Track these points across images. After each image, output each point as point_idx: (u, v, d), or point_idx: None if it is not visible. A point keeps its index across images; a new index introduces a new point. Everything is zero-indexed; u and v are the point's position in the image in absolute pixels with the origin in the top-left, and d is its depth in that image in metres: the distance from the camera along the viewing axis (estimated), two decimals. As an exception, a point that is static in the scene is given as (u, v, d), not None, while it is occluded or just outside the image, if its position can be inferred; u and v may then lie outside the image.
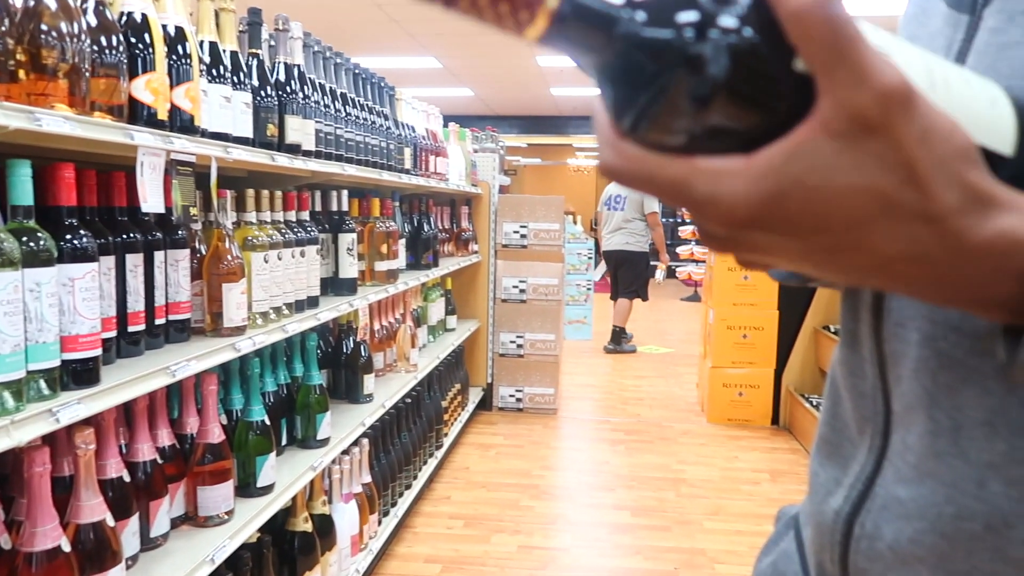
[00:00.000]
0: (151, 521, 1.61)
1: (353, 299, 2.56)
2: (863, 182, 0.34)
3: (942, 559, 0.46)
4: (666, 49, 0.33)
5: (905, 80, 0.33)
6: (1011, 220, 0.35)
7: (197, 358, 1.57)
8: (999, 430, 0.44)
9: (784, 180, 0.34)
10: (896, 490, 0.49)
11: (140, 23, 1.44)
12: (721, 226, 0.36)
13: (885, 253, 0.36)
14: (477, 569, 2.94)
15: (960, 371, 0.46)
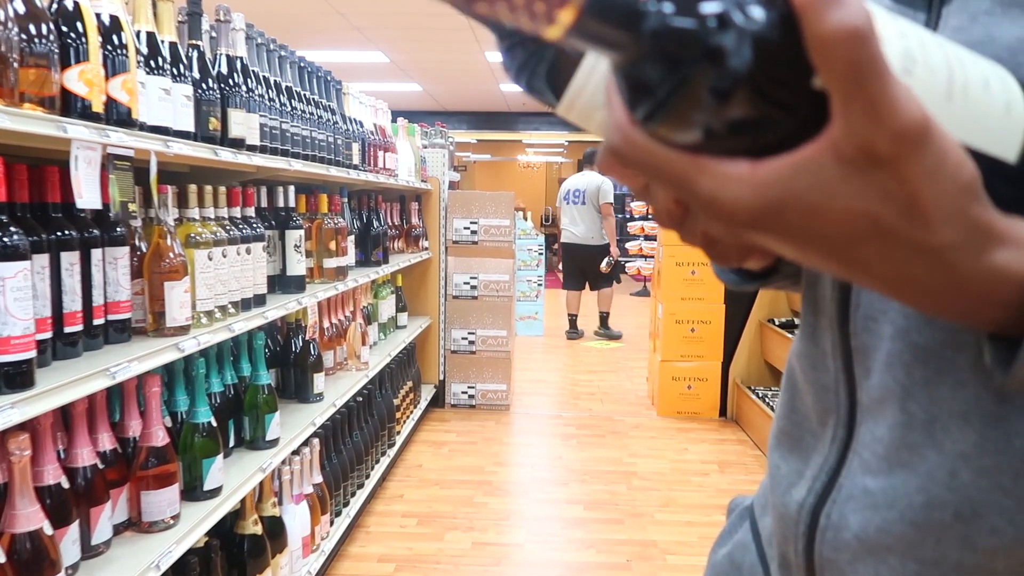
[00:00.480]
0: (92, 528, 1.56)
1: (301, 297, 2.52)
2: (863, 207, 0.34)
3: (911, 547, 0.47)
4: (691, 41, 0.32)
5: (922, 119, 0.33)
6: (1005, 255, 0.36)
7: (139, 359, 1.52)
8: (972, 421, 0.44)
9: (787, 193, 0.34)
10: (864, 481, 0.50)
11: (72, 11, 1.38)
12: (720, 225, 0.37)
13: (877, 270, 0.36)
14: (431, 567, 2.92)
15: (935, 364, 0.46)
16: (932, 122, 0.33)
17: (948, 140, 0.34)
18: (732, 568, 0.69)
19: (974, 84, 0.37)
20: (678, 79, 0.33)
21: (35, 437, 1.38)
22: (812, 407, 0.56)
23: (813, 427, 0.56)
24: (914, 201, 0.34)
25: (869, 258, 0.36)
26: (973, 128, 0.37)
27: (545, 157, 18.27)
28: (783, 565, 0.59)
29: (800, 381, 0.59)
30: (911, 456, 0.47)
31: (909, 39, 0.36)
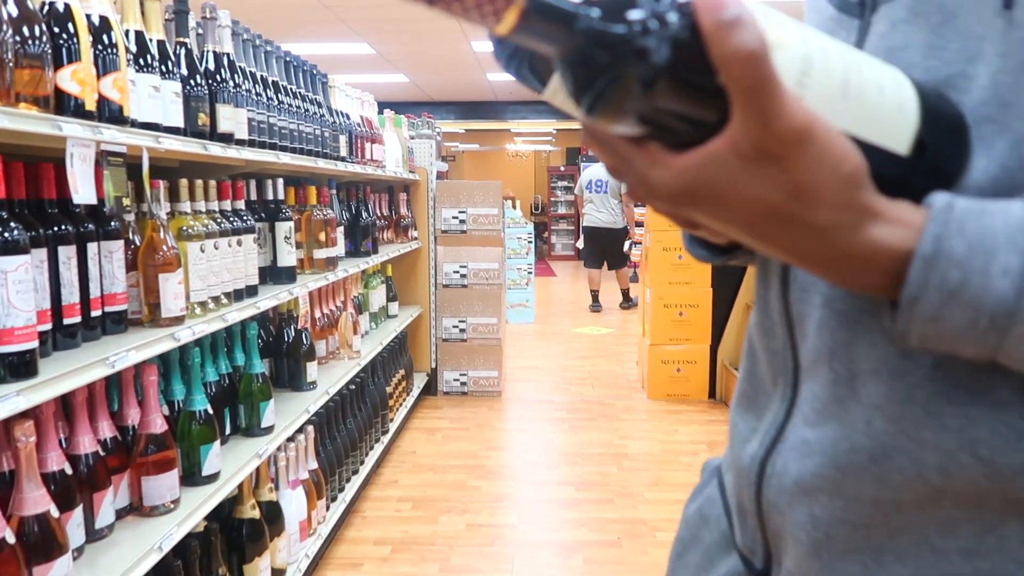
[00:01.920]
0: (95, 513, 1.62)
1: (293, 287, 2.57)
2: (759, 193, 0.42)
3: (836, 488, 0.53)
4: (616, 42, 0.38)
5: (805, 125, 0.40)
6: (880, 231, 0.43)
7: (136, 348, 1.57)
8: (882, 376, 0.50)
9: (698, 179, 0.42)
10: (803, 433, 0.56)
11: (63, 13, 1.42)
12: (653, 201, 0.45)
13: (781, 244, 0.44)
14: (426, 549, 2.99)
15: (854, 328, 0.52)
16: (816, 126, 0.40)
17: (833, 138, 0.41)
18: (701, 520, 0.76)
19: (869, 86, 0.44)
20: (608, 76, 0.39)
21: (38, 425, 1.43)
22: (766, 371, 0.63)
23: (767, 389, 0.62)
24: (799, 189, 0.41)
25: (773, 234, 0.44)
26: (867, 124, 0.43)
27: (533, 146, 18.29)
28: (739, 512, 0.66)
29: (757, 348, 0.65)
30: (838, 409, 0.53)
31: (810, 45, 0.42)
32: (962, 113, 0.47)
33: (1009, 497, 0.47)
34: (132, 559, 1.58)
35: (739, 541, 0.67)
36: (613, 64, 0.39)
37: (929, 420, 0.48)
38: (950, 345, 0.44)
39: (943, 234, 0.42)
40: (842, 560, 0.54)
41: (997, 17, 0.47)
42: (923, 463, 0.49)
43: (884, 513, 0.51)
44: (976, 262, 0.41)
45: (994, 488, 0.47)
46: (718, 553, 0.71)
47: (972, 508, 0.48)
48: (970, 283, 0.41)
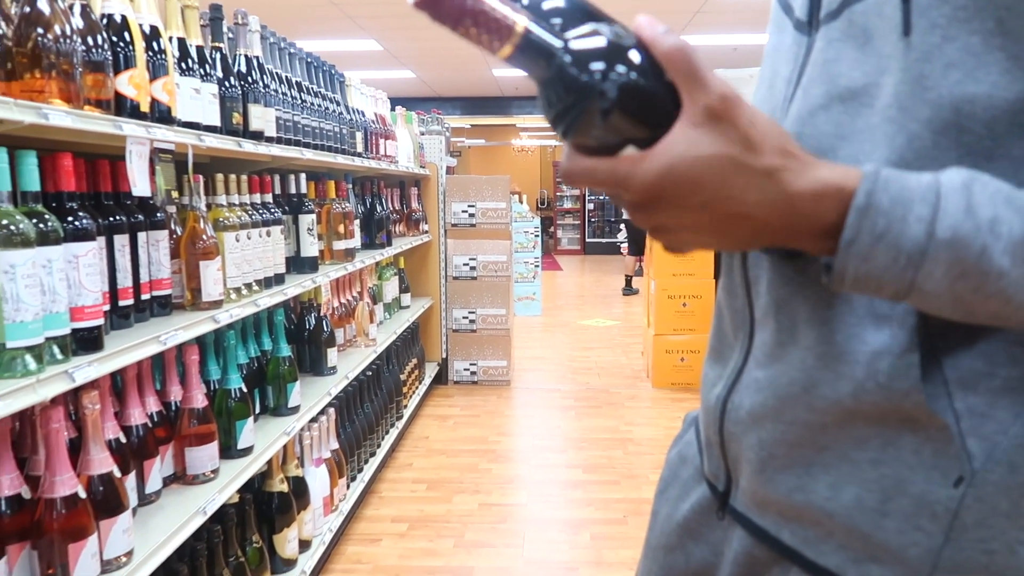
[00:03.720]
0: (146, 479, 1.77)
1: (315, 276, 2.72)
2: (720, 151, 0.53)
3: (778, 415, 0.65)
4: (581, 86, 0.52)
5: (732, 87, 0.55)
6: (820, 172, 0.55)
7: (183, 328, 1.72)
8: (813, 325, 0.62)
9: (671, 157, 0.53)
10: (755, 373, 0.68)
11: (120, 23, 1.57)
12: (639, 199, 0.54)
13: (745, 201, 0.54)
14: (441, 526, 3.15)
15: (792, 286, 0.64)
16: (737, 91, 0.55)
17: (752, 105, 0.56)
18: (680, 461, 0.88)
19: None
20: (576, 105, 0.54)
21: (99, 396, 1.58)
22: (729, 326, 0.75)
23: (730, 341, 0.75)
24: (748, 137, 0.53)
25: (738, 193, 0.54)
26: None
27: (539, 141, 18.41)
28: (707, 445, 0.78)
29: (723, 307, 0.77)
30: (781, 352, 0.65)
31: None
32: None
33: (904, 415, 0.59)
34: (179, 521, 1.73)
35: (706, 470, 0.80)
36: (578, 102, 0.52)
37: (845, 356, 0.60)
38: (876, 284, 0.54)
39: (873, 190, 0.52)
40: (781, 473, 0.66)
41: (900, 40, 0.58)
42: (840, 390, 0.60)
43: (812, 433, 0.63)
44: (897, 212, 0.52)
45: (892, 406, 0.58)
46: (692, 485, 0.84)
47: (877, 426, 0.60)
48: (892, 228, 0.52)
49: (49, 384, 1.26)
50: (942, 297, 0.53)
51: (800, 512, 0.65)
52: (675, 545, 0.84)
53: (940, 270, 0.51)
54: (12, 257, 1.21)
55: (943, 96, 0.56)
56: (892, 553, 0.60)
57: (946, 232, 0.51)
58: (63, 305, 1.34)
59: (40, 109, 1.26)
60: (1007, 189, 0.53)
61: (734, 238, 0.57)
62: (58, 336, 1.33)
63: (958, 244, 0.51)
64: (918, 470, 0.59)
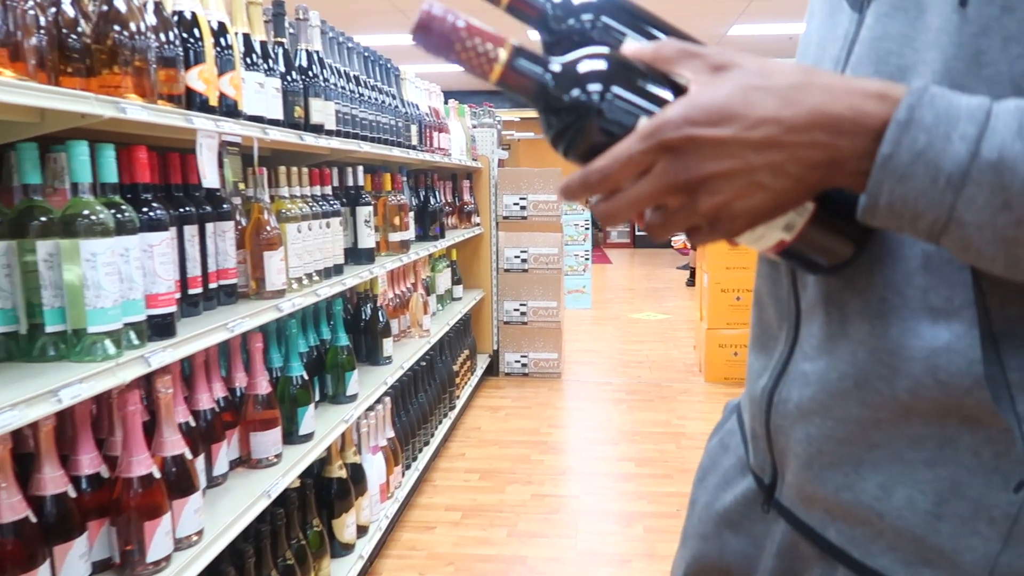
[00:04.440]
0: (213, 462, 1.83)
1: (372, 267, 2.76)
2: (738, 82, 0.52)
3: (827, 409, 0.63)
4: (569, 105, 0.54)
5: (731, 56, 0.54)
6: (860, 82, 0.52)
7: (249, 316, 1.77)
8: (866, 317, 0.60)
9: (690, 99, 0.52)
10: (803, 366, 0.66)
11: (190, 20, 1.62)
12: (670, 143, 0.51)
13: (780, 120, 0.50)
14: (495, 515, 3.17)
15: (842, 277, 0.62)
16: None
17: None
18: (722, 448, 0.87)
19: None
20: (575, 127, 0.54)
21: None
22: (773, 316, 0.73)
23: (774, 331, 0.72)
24: (761, 67, 0.53)
25: (770, 109, 0.50)
26: None
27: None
28: (753, 437, 0.77)
29: (764, 296, 0.75)
30: (831, 345, 0.63)
31: None
32: None
33: (963, 415, 0.56)
34: (246, 503, 1.78)
35: (752, 462, 0.78)
36: (572, 124, 0.54)
37: (901, 351, 0.57)
38: (912, 212, 0.50)
39: (916, 104, 0.49)
40: (829, 471, 0.63)
41: (954, 13, 0.54)
42: (896, 386, 0.58)
43: (864, 430, 0.61)
44: (940, 128, 0.48)
45: (951, 405, 0.56)
46: (735, 475, 0.82)
47: (935, 425, 0.57)
48: (934, 145, 0.48)
49: (127, 368, 1.31)
50: (983, 233, 0.48)
51: (847, 511, 0.63)
52: (711, 534, 0.82)
53: (983, 196, 0.47)
54: (93, 246, 1.26)
55: (1002, 72, 0.52)
56: (946, 557, 0.57)
57: (992, 153, 0.47)
58: (139, 292, 1.39)
59: (118, 103, 1.31)
60: None
61: (777, 175, 0.51)
62: (135, 322, 1.39)
63: (1004, 168, 0.46)
64: (977, 473, 0.56)
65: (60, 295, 1.30)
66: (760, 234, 0.56)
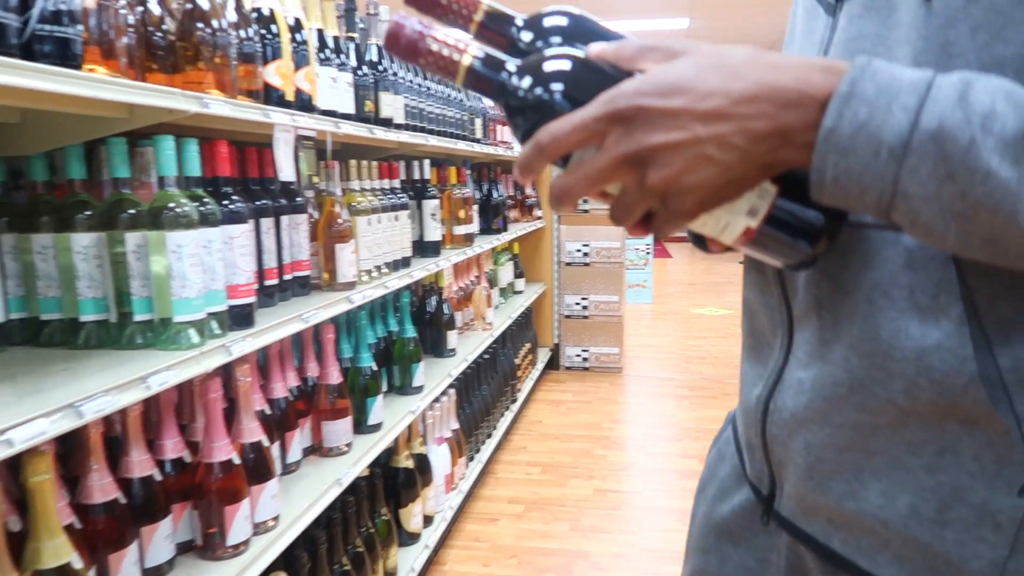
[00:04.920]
0: (287, 449, 1.87)
1: (438, 260, 2.78)
2: (690, 61, 0.52)
3: (824, 416, 0.62)
4: (531, 104, 0.56)
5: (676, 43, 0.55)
6: (809, 58, 0.52)
7: (322, 307, 1.81)
8: (856, 320, 0.59)
9: (644, 77, 0.53)
10: (797, 373, 0.64)
11: (268, 16, 1.65)
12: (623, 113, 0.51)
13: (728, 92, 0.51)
14: (557, 509, 3.17)
15: (832, 281, 0.61)
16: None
17: None
18: (719, 459, 0.86)
19: None
20: (528, 125, 0.56)
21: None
22: (766, 324, 0.71)
23: (768, 340, 0.71)
24: (713, 49, 0.53)
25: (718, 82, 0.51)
26: None
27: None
28: (748, 447, 0.75)
29: (754, 305, 0.73)
30: (825, 351, 0.61)
31: None
32: None
33: (961, 417, 0.54)
34: (318, 491, 1.82)
35: (749, 473, 0.76)
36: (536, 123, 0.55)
37: (893, 353, 0.56)
38: (858, 186, 0.49)
39: (858, 78, 0.49)
40: (830, 479, 0.62)
41: (921, 7, 0.54)
42: (891, 389, 0.57)
43: (863, 436, 0.59)
44: (882, 100, 0.48)
45: (948, 406, 0.54)
46: (731, 485, 0.80)
47: (934, 429, 0.56)
48: (875, 117, 0.48)
49: (210, 356, 1.35)
50: (930, 206, 0.47)
51: (852, 520, 0.61)
52: (710, 547, 0.81)
53: (926, 167, 0.47)
54: (179, 237, 1.30)
55: (971, 62, 0.52)
56: (953, 565, 0.56)
57: (932, 122, 0.46)
58: (221, 283, 1.43)
59: (201, 99, 1.35)
60: (1010, 85, 0.47)
61: (724, 148, 0.50)
62: (216, 312, 1.42)
63: (944, 137, 0.46)
64: (979, 477, 0.55)
65: (148, 285, 1.34)
66: (724, 221, 0.55)
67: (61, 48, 1.07)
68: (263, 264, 1.74)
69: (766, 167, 0.52)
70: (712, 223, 0.56)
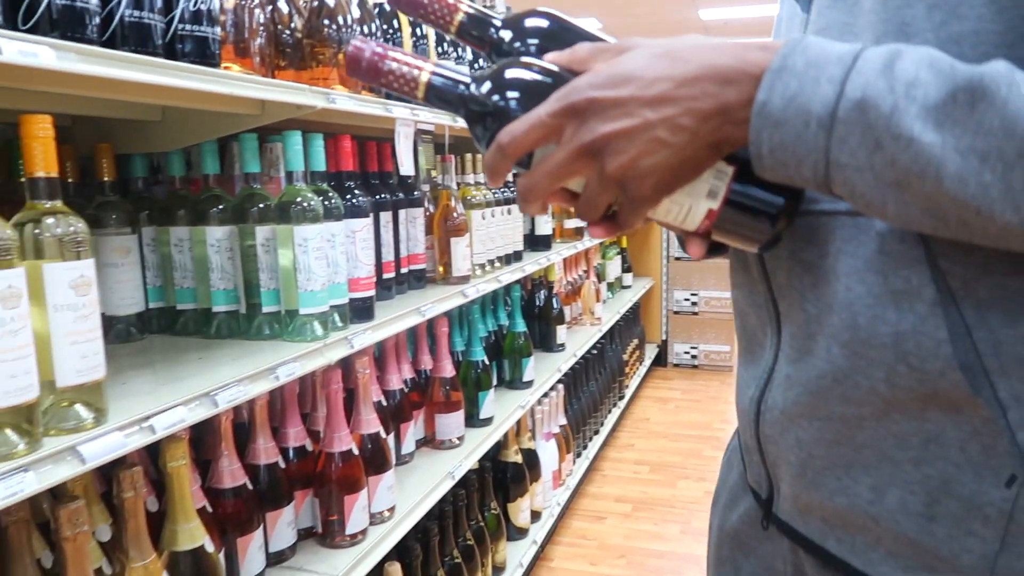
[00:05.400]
0: (402, 440, 1.89)
1: (549, 254, 2.76)
2: (638, 53, 0.55)
3: (811, 410, 0.61)
4: (489, 111, 0.58)
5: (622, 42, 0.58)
6: (748, 43, 0.53)
7: (438, 301, 1.81)
8: (836, 310, 0.58)
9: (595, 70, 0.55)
10: (786, 369, 0.63)
11: (390, 11, 1.67)
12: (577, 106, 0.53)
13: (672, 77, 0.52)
14: (667, 510, 3.09)
15: (815, 272, 0.60)
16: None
17: None
18: (728, 467, 0.84)
19: None
20: (490, 133, 0.57)
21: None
22: (756, 324, 0.69)
23: (760, 339, 0.69)
24: (659, 42, 0.55)
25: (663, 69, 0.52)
26: None
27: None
28: (746, 450, 0.73)
29: (743, 306, 0.71)
30: (810, 343, 0.60)
31: None
32: None
33: (942, 404, 0.54)
34: (431, 483, 1.83)
35: (750, 478, 0.74)
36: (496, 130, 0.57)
37: (871, 340, 0.56)
38: (794, 159, 0.50)
39: (790, 52, 0.50)
40: (821, 475, 0.61)
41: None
42: (872, 377, 0.56)
43: (850, 429, 0.59)
44: (810, 73, 0.49)
45: (927, 393, 0.54)
46: (739, 493, 0.78)
47: (918, 420, 0.55)
48: (804, 89, 0.49)
49: (333, 348, 1.37)
50: (864, 176, 0.49)
51: (844, 517, 0.60)
52: (725, 558, 0.80)
53: (854, 137, 0.48)
54: (306, 231, 1.33)
55: (929, 41, 0.52)
56: (944, 561, 0.56)
57: (856, 92, 0.48)
58: (343, 276, 1.45)
59: (328, 94, 1.36)
60: (937, 54, 0.48)
61: (673, 130, 0.52)
62: (339, 305, 1.45)
63: (867, 105, 0.47)
64: (965, 469, 0.54)
65: (275, 278, 1.37)
66: (686, 206, 0.56)
67: (200, 47, 1.10)
68: (381, 257, 1.76)
69: (715, 145, 0.53)
70: (676, 210, 0.57)
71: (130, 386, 1.11)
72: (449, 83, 0.59)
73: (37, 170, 0.89)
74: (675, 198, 0.56)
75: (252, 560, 1.35)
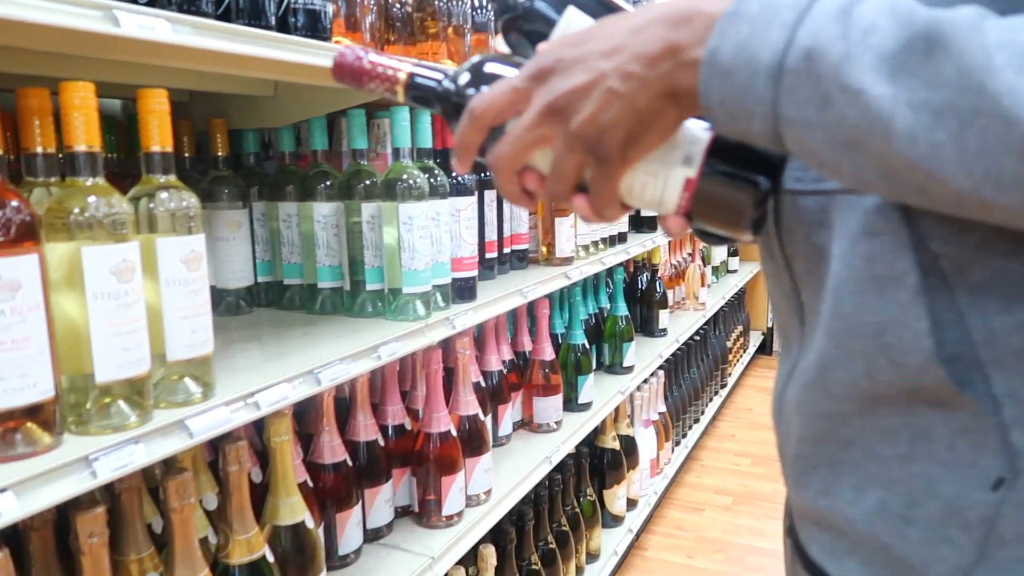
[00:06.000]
0: (499, 422, 1.87)
1: (654, 236, 2.67)
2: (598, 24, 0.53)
3: (804, 404, 0.58)
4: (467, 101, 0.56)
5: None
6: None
7: (541, 283, 1.77)
8: (825, 298, 0.54)
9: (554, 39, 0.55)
10: (802, 362, 0.59)
11: (500, -17, 1.62)
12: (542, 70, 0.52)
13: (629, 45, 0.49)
14: (769, 506, 2.97)
15: (813, 260, 0.56)
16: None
17: None
18: None
19: None
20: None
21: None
22: (787, 315, 0.64)
23: (792, 332, 0.64)
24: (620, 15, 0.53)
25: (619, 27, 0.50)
26: None
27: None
28: (779, 448, 0.68)
29: (776, 296, 0.66)
30: (814, 332, 0.57)
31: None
32: None
33: (928, 399, 0.50)
34: (528, 467, 1.80)
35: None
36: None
37: (853, 330, 0.52)
38: (744, 111, 0.46)
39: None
40: (808, 475, 0.58)
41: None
42: (852, 371, 0.53)
43: (834, 425, 0.55)
44: (764, 18, 0.44)
45: (911, 388, 0.50)
46: None
47: (905, 415, 0.51)
48: (756, 35, 0.44)
49: (435, 329, 1.35)
50: (814, 133, 0.44)
51: (826, 519, 0.57)
52: (788, 570, 0.75)
53: (803, 90, 0.43)
54: (410, 209, 1.30)
55: None
56: (914, 570, 0.52)
57: (807, 39, 0.43)
58: (446, 256, 1.43)
59: (437, 69, 1.33)
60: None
61: (624, 79, 0.49)
62: (441, 284, 1.43)
63: (817, 54, 0.43)
64: (952, 469, 0.50)
65: (379, 255, 1.36)
66: (662, 176, 0.53)
67: (312, 20, 1.08)
68: (484, 237, 1.73)
69: (669, 94, 0.49)
70: (651, 184, 0.54)
71: (237, 360, 1.12)
72: (430, 80, 0.61)
73: (152, 144, 0.89)
74: (649, 167, 0.53)
75: (350, 536, 1.36)
